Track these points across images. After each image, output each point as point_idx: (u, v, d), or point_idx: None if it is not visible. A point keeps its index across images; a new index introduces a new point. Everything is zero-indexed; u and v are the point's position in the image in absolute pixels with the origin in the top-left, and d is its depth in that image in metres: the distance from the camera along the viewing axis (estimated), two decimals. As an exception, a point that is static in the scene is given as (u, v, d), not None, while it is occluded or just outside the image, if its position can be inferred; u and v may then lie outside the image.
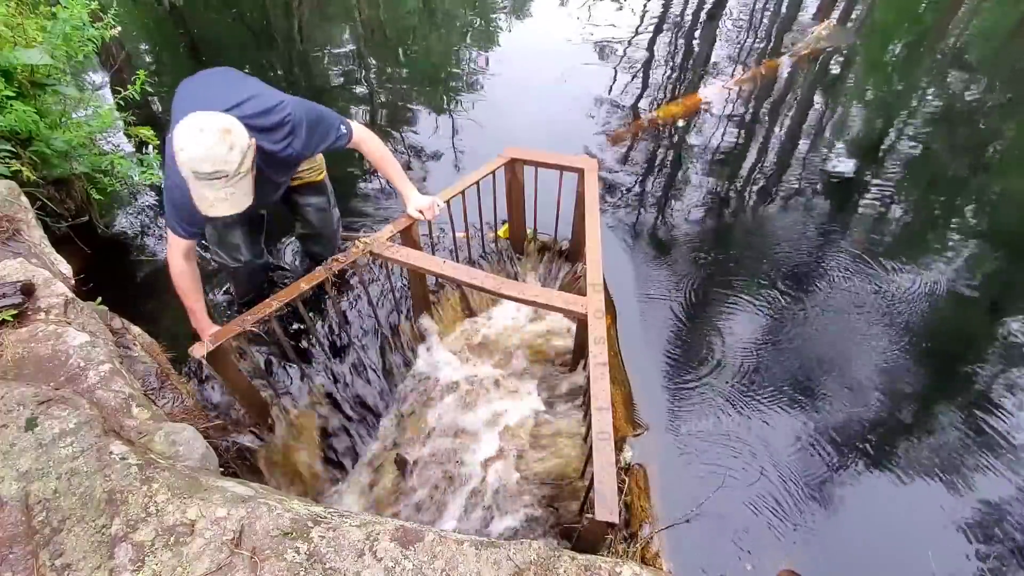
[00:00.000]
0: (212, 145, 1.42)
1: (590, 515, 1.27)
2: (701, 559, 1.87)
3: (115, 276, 2.69)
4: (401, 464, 2.03)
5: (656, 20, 6.23)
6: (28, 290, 1.49)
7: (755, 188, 3.68)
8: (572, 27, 5.99)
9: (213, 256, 2.24)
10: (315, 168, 2.19)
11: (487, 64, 5.21)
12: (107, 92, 3.96)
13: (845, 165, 3.86)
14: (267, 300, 1.74)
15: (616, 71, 5.06)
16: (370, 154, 2.03)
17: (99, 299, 1.85)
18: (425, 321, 2.43)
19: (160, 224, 3.01)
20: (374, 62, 5.28)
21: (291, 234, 2.69)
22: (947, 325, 2.76)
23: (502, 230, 2.83)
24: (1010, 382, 2.45)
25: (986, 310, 2.86)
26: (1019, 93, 4.83)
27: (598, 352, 1.58)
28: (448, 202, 2.27)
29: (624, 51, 5.46)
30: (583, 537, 1.45)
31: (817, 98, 4.74)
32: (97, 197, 2.72)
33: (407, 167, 3.69)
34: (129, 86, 2.66)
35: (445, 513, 1.88)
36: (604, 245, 2.01)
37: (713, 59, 5.37)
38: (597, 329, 1.65)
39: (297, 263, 2.72)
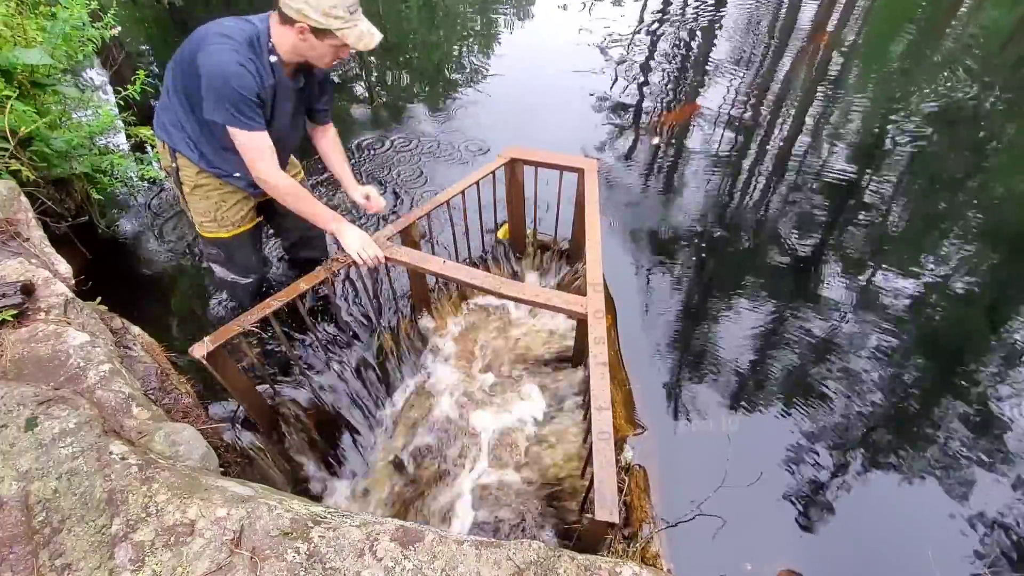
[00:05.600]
0: None
1: (590, 515, 1.27)
2: (701, 559, 1.87)
3: (115, 276, 2.69)
4: (399, 466, 2.03)
5: (658, 21, 6.23)
6: (28, 290, 1.49)
7: (756, 189, 3.68)
8: (573, 27, 5.99)
9: (222, 278, 2.24)
10: (294, 170, 2.18)
11: (487, 64, 5.21)
12: (107, 92, 3.96)
13: (845, 165, 3.87)
14: (267, 300, 1.74)
15: (617, 71, 5.06)
16: (333, 141, 2.08)
17: (99, 299, 1.86)
18: (425, 320, 2.43)
19: (160, 222, 3.01)
20: (374, 60, 5.28)
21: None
22: (947, 325, 2.76)
23: (502, 231, 2.82)
24: (1010, 382, 2.45)
25: (986, 310, 2.86)
26: (1019, 93, 4.83)
27: (598, 352, 1.58)
28: (448, 202, 2.27)
29: (626, 51, 5.46)
30: (583, 537, 1.45)
31: (817, 100, 4.74)
32: (97, 197, 2.72)
33: (407, 166, 3.71)
34: (129, 86, 2.66)
35: (443, 513, 1.88)
36: (604, 245, 2.01)
37: (713, 61, 5.37)
38: (597, 329, 1.65)
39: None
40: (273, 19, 1.59)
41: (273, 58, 1.62)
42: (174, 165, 1.86)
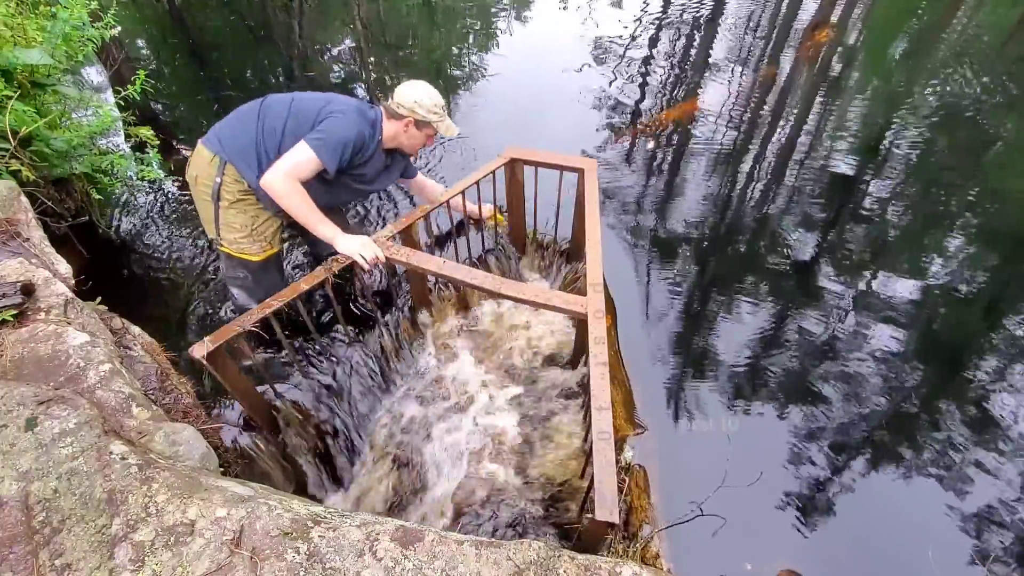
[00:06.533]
0: (434, 89, 2.02)
1: (590, 515, 1.27)
2: (701, 559, 1.87)
3: (115, 276, 2.69)
4: (398, 464, 2.03)
5: (657, 20, 6.23)
6: (28, 290, 1.49)
7: (756, 188, 3.68)
8: (573, 27, 5.99)
9: (243, 305, 2.25)
10: None
11: (487, 63, 5.21)
12: (107, 92, 3.96)
13: (845, 165, 3.86)
14: (267, 300, 1.74)
15: (616, 71, 5.06)
16: (428, 184, 2.51)
17: (99, 299, 1.86)
18: (424, 320, 2.43)
19: (161, 222, 3.01)
20: (374, 60, 5.28)
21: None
22: (947, 325, 2.76)
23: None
24: (1010, 382, 2.45)
25: (986, 310, 2.86)
26: (1019, 92, 4.83)
27: (598, 352, 1.58)
28: (448, 202, 2.27)
29: (625, 51, 5.46)
30: (583, 537, 1.45)
31: (817, 99, 4.74)
32: (97, 197, 2.72)
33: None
34: (129, 86, 2.66)
35: (442, 513, 1.88)
36: (604, 245, 2.01)
37: (713, 60, 5.37)
38: (597, 329, 1.65)
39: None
40: (384, 114, 2.03)
41: (378, 137, 2.05)
42: (218, 180, 1.92)
